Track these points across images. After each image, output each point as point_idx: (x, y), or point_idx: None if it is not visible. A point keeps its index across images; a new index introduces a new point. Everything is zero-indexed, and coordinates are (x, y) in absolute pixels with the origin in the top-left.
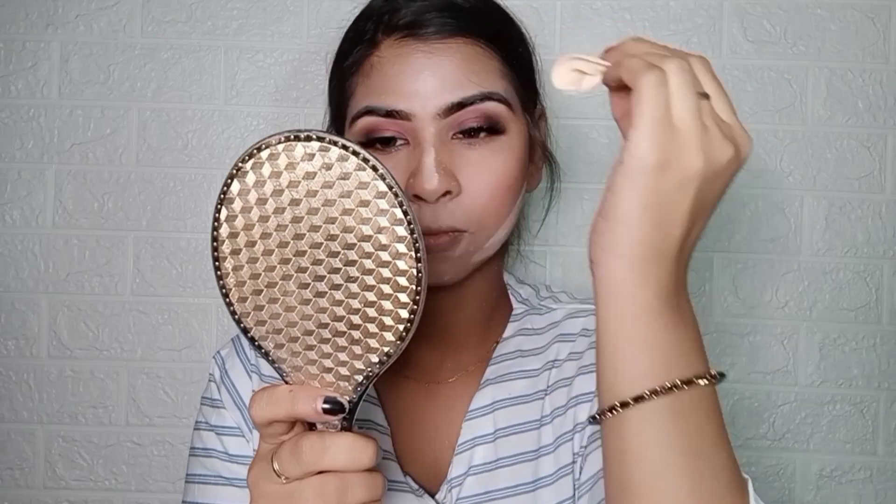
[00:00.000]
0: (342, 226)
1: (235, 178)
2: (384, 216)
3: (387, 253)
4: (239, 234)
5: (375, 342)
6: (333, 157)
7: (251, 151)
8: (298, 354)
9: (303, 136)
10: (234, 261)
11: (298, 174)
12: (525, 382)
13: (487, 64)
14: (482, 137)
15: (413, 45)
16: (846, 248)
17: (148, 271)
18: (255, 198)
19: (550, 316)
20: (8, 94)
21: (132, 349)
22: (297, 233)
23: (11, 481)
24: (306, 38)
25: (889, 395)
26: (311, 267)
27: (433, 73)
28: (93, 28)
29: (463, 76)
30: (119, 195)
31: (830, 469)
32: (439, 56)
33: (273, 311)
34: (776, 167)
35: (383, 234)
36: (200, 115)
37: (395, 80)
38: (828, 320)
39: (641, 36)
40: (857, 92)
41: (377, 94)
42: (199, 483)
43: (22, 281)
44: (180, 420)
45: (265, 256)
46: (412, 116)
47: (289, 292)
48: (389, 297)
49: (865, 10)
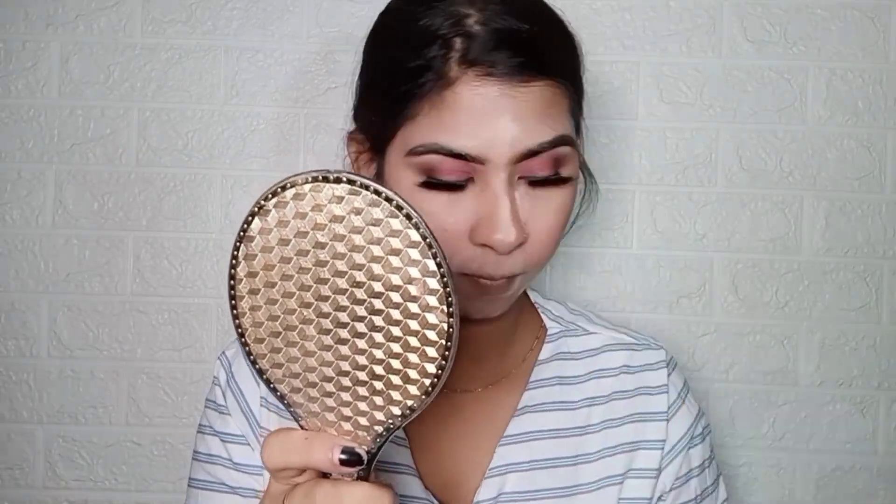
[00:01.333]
0: (369, 273)
1: (257, 216)
2: (415, 267)
3: (416, 305)
4: (258, 274)
5: (399, 395)
6: (364, 202)
7: (275, 189)
8: (316, 400)
9: (332, 178)
10: (252, 301)
11: (325, 217)
12: (564, 415)
13: (561, 104)
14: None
15: (494, 84)
16: (846, 248)
17: (148, 271)
18: (276, 238)
19: (586, 341)
20: (8, 94)
21: (132, 349)
22: (320, 277)
23: (11, 481)
24: (306, 38)
25: (889, 395)
26: (333, 312)
27: (514, 119)
28: (93, 28)
29: (541, 122)
30: (119, 195)
31: (830, 469)
32: (521, 100)
33: (291, 354)
34: (776, 167)
35: (414, 285)
36: (200, 115)
37: (472, 121)
38: (828, 320)
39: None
40: (857, 92)
41: (448, 132)
42: (202, 489)
43: (22, 281)
44: (180, 420)
45: (285, 298)
46: (486, 162)
47: (308, 336)
48: (416, 351)
49: (865, 10)
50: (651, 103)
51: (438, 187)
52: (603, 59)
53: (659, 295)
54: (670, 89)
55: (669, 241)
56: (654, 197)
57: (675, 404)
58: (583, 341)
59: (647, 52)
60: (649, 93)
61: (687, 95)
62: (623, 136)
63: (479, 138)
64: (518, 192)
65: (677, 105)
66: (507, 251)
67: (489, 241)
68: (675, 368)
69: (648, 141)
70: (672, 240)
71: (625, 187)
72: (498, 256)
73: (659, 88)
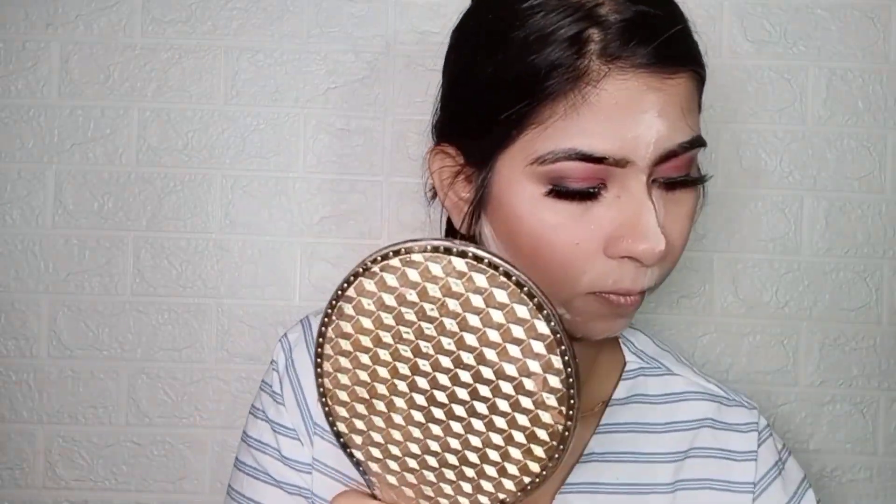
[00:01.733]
0: (480, 357)
1: (362, 277)
2: (537, 361)
3: (530, 400)
4: (352, 337)
5: (491, 486)
6: (488, 283)
7: (386, 253)
8: (395, 474)
9: (455, 251)
10: (340, 362)
11: (439, 291)
12: (635, 468)
13: (696, 99)
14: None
15: (645, 79)
16: (846, 248)
17: (148, 271)
18: (380, 302)
19: (667, 382)
20: (8, 94)
21: (132, 349)
22: (420, 351)
23: (11, 481)
24: (306, 38)
25: (889, 395)
26: (430, 390)
27: (660, 115)
28: (93, 28)
29: (683, 119)
30: (119, 195)
31: (830, 469)
32: (667, 93)
33: (375, 423)
34: (776, 167)
35: (531, 379)
36: (200, 115)
37: (615, 120)
38: (828, 320)
39: None
40: (857, 92)
41: (587, 134)
42: (248, 475)
43: (22, 281)
44: (180, 420)
45: (378, 366)
46: (627, 164)
47: (398, 409)
48: (521, 447)
49: (865, 10)
50: None
51: (569, 196)
52: None
53: (659, 295)
54: None
55: None
56: None
57: (765, 479)
58: (664, 382)
59: None
60: None
61: None
62: None
63: (622, 139)
64: (654, 197)
65: None
66: (654, 262)
67: (633, 253)
68: (769, 437)
69: None
70: None
71: None
72: (637, 269)
73: None
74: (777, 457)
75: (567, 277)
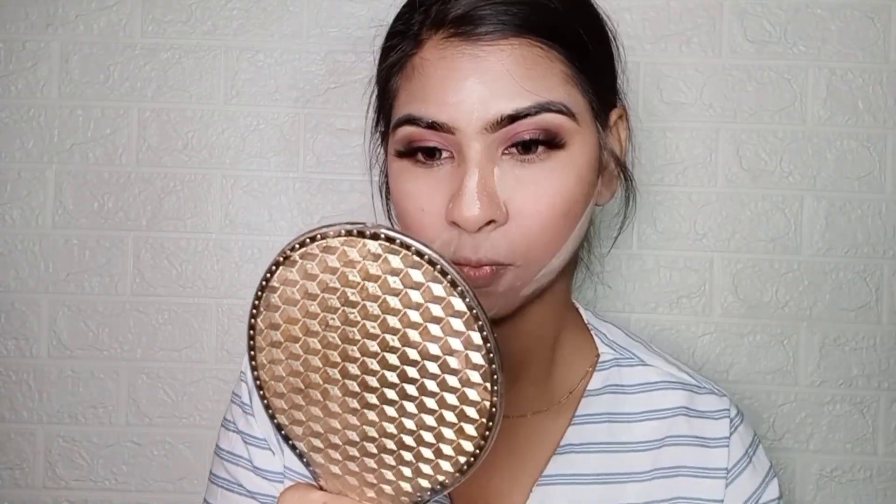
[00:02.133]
0: (405, 339)
1: (282, 266)
2: (458, 338)
3: (456, 378)
4: (280, 326)
5: (429, 469)
6: (403, 263)
7: (303, 240)
8: (337, 463)
9: (368, 233)
10: (273, 354)
11: (358, 275)
12: (611, 458)
13: (548, 67)
14: (539, 153)
15: (459, 46)
16: (846, 248)
17: (148, 271)
18: (303, 291)
19: (642, 372)
20: (8, 94)
21: (132, 349)
22: (348, 337)
23: (11, 481)
24: (306, 38)
25: (889, 395)
26: (361, 375)
27: (480, 81)
28: (93, 28)
29: (516, 84)
30: (119, 195)
31: (830, 469)
32: (488, 60)
33: (312, 413)
34: (776, 167)
35: (454, 357)
36: (200, 115)
37: (437, 87)
38: (828, 320)
39: None
40: (857, 92)
41: (419, 101)
42: (222, 488)
43: (22, 281)
44: (180, 420)
45: (309, 355)
46: (455, 130)
47: (332, 397)
48: (452, 426)
49: (865, 10)
50: (651, 103)
51: (412, 154)
52: None
53: (659, 295)
54: (670, 89)
55: (669, 241)
56: (654, 197)
57: (738, 465)
58: (638, 373)
59: (647, 52)
60: (649, 93)
61: (687, 95)
62: None
63: (445, 104)
64: (501, 167)
65: (677, 105)
66: (473, 228)
67: (453, 218)
68: (741, 423)
69: (648, 141)
70: (672, 240)
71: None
72: (473, 237)
73: (659, 88)
74: (749, 444)
75: None
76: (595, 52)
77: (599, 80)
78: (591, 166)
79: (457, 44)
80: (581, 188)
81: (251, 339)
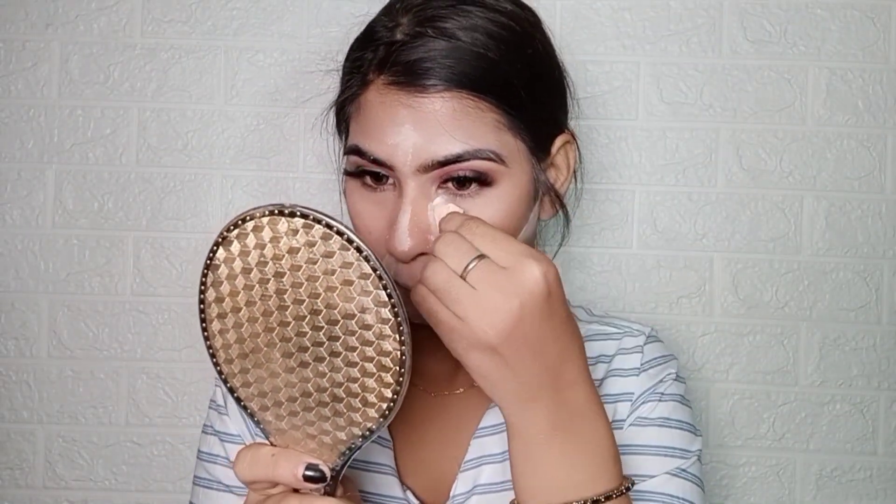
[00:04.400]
0: (326, 302)
1: (221, 246)
2: (368, 297)
3: (370, 333)
4: (224, 300)
5: (358, 416)
6: (317, 235)
7: (236, 221)
8: (283, 419)
9: (286, 212)
10: (221, 324)
11: (282, 248)
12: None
13: (479, 117)
14: (471, 189)
15: (397, 94)
16: (846, 248)
17: (148, 271)
18: (240, 266)
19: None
20: (8, 94)
21: (132, 349)
22: (281, 304)
23: (11, 481)
24: (306, 38)
25: (889, 395)
26: (294, 337)
27: (414, 128)
28: (93, 28)
29: (446, 133)
30: (119, 195)
31: (830, 469)
32: (422, 110)
33: (258, 374)
34: (776, 167)
35: (367, 314)
36: (200, 115)
37: (378, 128)
38: (828, 320)
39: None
40: (857, 92)
41: (364, 136)
42: (202, 487)
43: (22, 281)
44: (180, 420)
45: (250, 323)
46: (393, 168)
47: (273, 359)
48: (373, 376)
49: (865, 10)
50: (651, 103)
51: (360, 175)
52: (603, 59)
53: (659, 295)
54: (670, 89)
55: (669, 241)
56: (654, 197)
57: (646, 364)
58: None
59: (647, 52)
60: (649, 93)
61: (687, 95)
62: (623, 136)
63: (384, 144)
64: (436, 201)
65: (677, 105)
66: (405, 259)
67: (390, 249)
68: (654, 342)
69: (648, 141)
70: (672, 240)
71: (625, 187)
72: (409, 266)
73: (659, 88)
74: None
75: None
76: (530, 95)
77: (536, 118)
78: (523, 199)
79: (395, 91)
80: (511, 219)
81: (201, 312)
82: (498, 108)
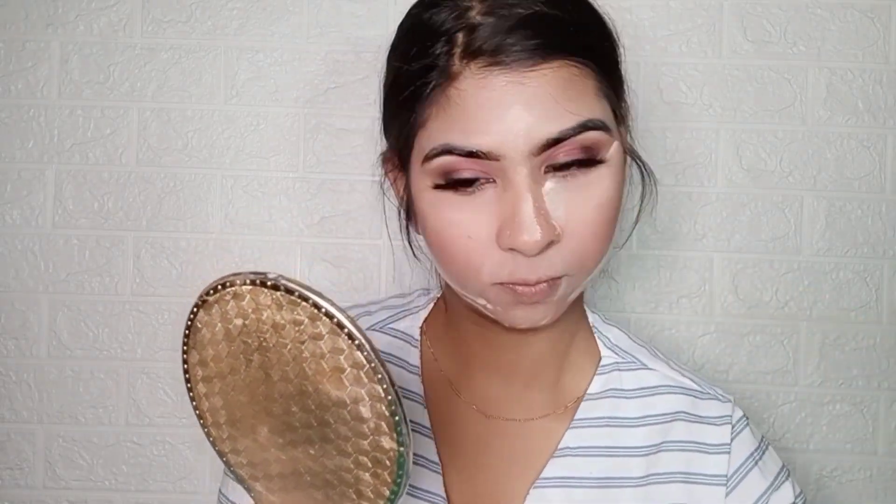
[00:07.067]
0: (315, 385)
1: (201, 309)
2: (362, 388)
3: (365, 426)
4: (208, 364)
5: None
6: (304, 314)
7: (216, 286)
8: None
9: (269, 284)
10: (206, 387)
11: (266, 322)
12: (609, 463)
13: (584, 85)
14: (576, 169)
15: (499, 74)
16: (846, 248)
17: (148, 271)
18: (221, 333)
19: (642, 376)
20: (8, 94)
21: (132, 349)
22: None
23: (11, 481)
24: (306, 38)
25: (889, 395)
26: (282, 415)
27: (526, 107)
28: (93, 28)
29: (559, 106)
30: (119, 195)
31: (830, 469)
32: (531, 85)
33: (246, 444)
34: (776, 167)
35: (361, 405)
36: (200, 115)
37: (479, 116)
38: (828, 320)
39: None
40: (857, 92)
41: (457, 131)
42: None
43: (22, 281)
44: (180, 420)
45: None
46: (501, 157)
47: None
48: (368, 470)
49: (865, 10)
50: (651, 103)
51: (454, 188)
52: None
53: (659, 295)
54: (670, 89)
55: (669, 241)
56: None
57: (740, 471)
58: (638, 377)
59: (647, 52)
60: (649, 93)
61: (687, 95)
62: None
63: (490, 133)
64: (547, 186)
65: (677, 105)
66: (534, 252)
67: (513, 245)
68: (745, 428)
69: (648, 141)
70: (672, 240)
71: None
72: (530, 259)
73: (659, 88)
74: (754, 448)
75: (469, 270)
76: (614, 58)
77: (619, 85)
78: (624, 169)
79: (496, 72)
80: (619, 193)
81: (185, 372)
82: (598, 74)
